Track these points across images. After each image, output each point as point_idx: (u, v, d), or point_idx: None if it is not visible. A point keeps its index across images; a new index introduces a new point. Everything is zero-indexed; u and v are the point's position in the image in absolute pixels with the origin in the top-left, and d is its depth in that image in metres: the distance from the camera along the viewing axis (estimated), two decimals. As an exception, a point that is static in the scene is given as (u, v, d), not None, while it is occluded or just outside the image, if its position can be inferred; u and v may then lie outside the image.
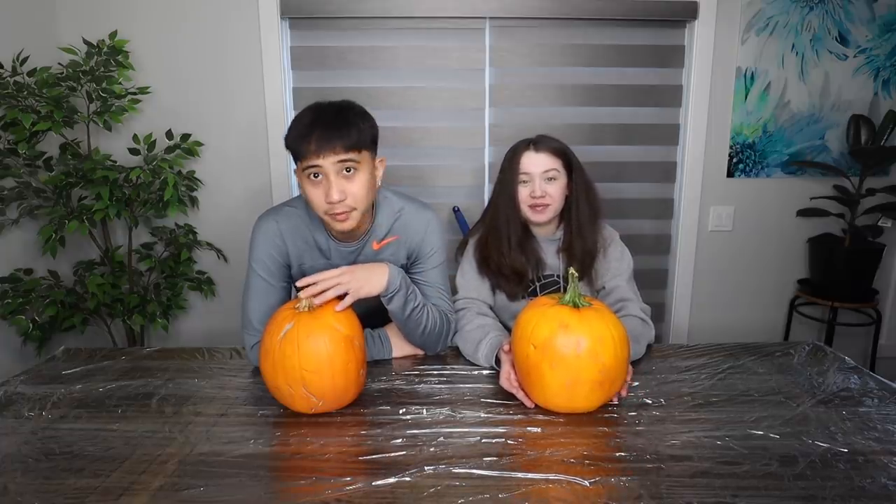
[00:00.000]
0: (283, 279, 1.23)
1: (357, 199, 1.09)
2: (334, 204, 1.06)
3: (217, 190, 2.17)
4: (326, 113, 1.07)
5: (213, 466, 0.84)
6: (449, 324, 1.25)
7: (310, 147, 1.04)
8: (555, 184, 1.32)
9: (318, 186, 1.07)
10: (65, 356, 1.29)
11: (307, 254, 1.23)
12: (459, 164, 2.23)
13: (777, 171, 2.25)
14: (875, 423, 0.95)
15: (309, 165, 1.06)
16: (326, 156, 1.04)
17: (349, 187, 1.07)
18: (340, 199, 1.06)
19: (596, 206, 1.37)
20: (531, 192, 1.31)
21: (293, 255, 1.22)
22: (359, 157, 1.08)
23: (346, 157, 1.05)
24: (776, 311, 2.39)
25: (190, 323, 2.28)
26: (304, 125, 1.06)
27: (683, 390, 1.08)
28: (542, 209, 1.31)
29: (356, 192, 1.08)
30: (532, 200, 1.31)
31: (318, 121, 1.06)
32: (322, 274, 1.07)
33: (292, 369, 0.95)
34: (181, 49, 2.05)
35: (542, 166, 1.31)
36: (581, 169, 1.36)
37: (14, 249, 1.86)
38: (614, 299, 1.33)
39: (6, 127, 1.68)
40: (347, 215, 1.09)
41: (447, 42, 2.13)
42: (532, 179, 1.31)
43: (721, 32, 2.12)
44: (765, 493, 0.77)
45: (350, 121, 1.07)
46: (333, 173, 1.06)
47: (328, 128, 1.04)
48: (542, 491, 0.78)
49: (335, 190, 1.05)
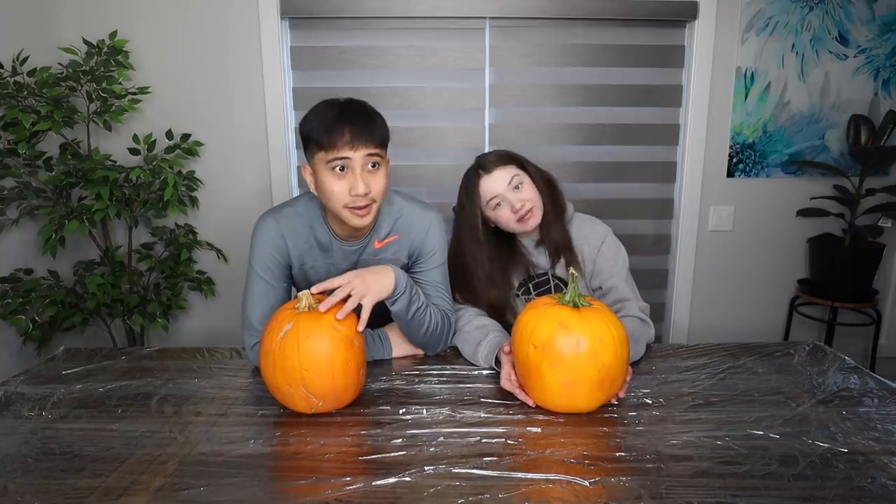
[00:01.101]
0: (283, 279, 1.22)
1: (379, 193, 1.11)
2: (359, 197, 1.07)
3: (217, 190, 2.17)
4: (353, 108, 1.09)
5: (213, 466, 0.84)
6: (450, 323, 1.26)
7: (343, 139, 1.04)
8: (524, 186, 1.31)
9: (342, 179, 1.07)
10: (65, 356, 1.29)
11: (308, 253, 1.23)
12: (459, 164, 2.21)
13: (777, 171, 2.25)
14: (875, 423, 0.95)
15: (338, 157, 1.05)
16: (358, 149, 1.05)
17: (373, 182, 1.09)
18: (366, 192, 1.07)
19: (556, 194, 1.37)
20: (511, 208, 1.30)
21: (294, 255, 1.22)
22: (383, 153, 1.11)
23: (374, 152, 1.07)
24: (776, 311, 2.39)
25: (190, 323, 2.28)
26: (333, 117, 1.06)
27: (683, 390, 1.08)
28: (528, 216, 1.30)
29: (379, 187, 1.10)
30: (516, 215, 1.30)
31: (347, 114, 1.06)
32: (333, 281, 1.06)
33: (292, 369, 0.95)
34: (181, 49, 2.05)
35: (504, 180, 1.30)
36: (531, 163, 1.36)
37: (14, 249, 1.86)
38: (613, 299, 1.32)
39: (6, 127, 1.68)
40: (369, 209, 1.10)
41: (447, 42, 2.13)
42: (503, 198, 1.30)
43: (721, 32, 2.12)
44: (765, 493, 0.77)
45: (375, 116, 1.11)
46: (360, 167, 1.07)
47: (359, 122, 1.06)
48: (542, 491, 0.78)
49: (361, 183, 1.06)
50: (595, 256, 1.35)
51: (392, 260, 1.24)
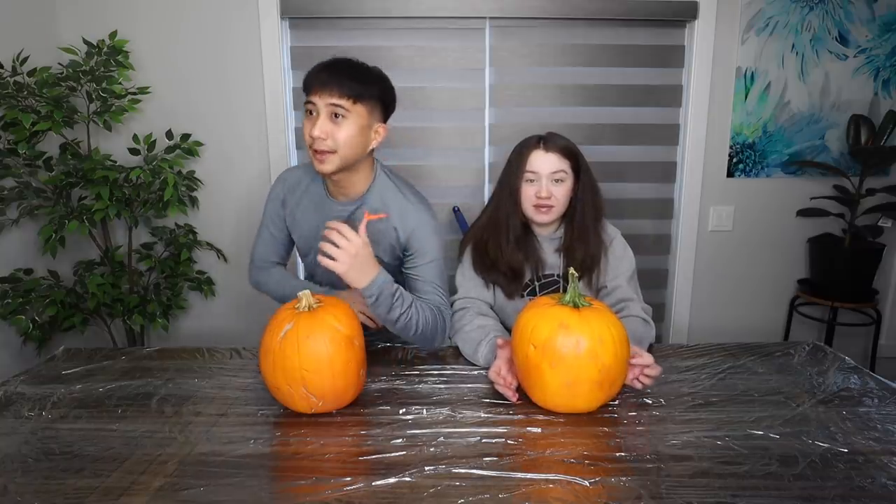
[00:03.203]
0: (285, 230, 1.38)
1: (339, 143, 1.15)
2: (315, 140, 1.14)
3: (217, 190, 2.17)
4: (342, 62, 1.19)
5: (213, 466, 0.84)
6: (444, 320, 1.26)
7: (314, 85, 1.15)
8: (562, 185, 1.29)
9: (308, 121, 1.17)
10: (65, 356, 1.29)
11: (299, 206, 1.33)
12: (459, 164, 2.23)
13: (777, 171, 2.25)
14: (875, 423, 0.95)
15: (308, 100, 1.16)
16: (323, 96, 1.13)
17: (333, 130, 1.14)
18: (322, 136, 1.13)
19: (600, 209, 1.35)
20: (537, 191, 1.28)
21: (289, 204, 1.34)
22: (350, 107, 1.14)
23: (337, 102, 1.13)
24: (776, 311, 2.39)
25: (190, 323, 2.28)
26: (320, 66, 1.17)
27: (683, 390, 1.08)
28: (546, 210, 1.29)
29: (340, 138, 1.15)
30: (537, 200, 1.28)
31: (330, 66, 1.17)
32: (339, 227, 1.08)
33: (292, 369, 0.95)
34: (181, 49, 2.05)
35: (551, 167, 1.28)
36: (588, 170, 1.34)
37: (14, 249, 1.86)
38: (615, 299, 1.32)
39: (6, 127, 1.68)
40: (326, 156, 1.15)
41: (447, 42, 2.13)
42: (539, 179, 1.29)
43: (721, 32, 2.12)
44: (765, 493, 0.77)
45: (357, 74, 1.17)
46: (324, 114, 1.14)
47: (332, 73, 1.15)
48: (542, 491, 0.78)
49: (318, 128, 1.13)
50: (602, 258, 1.35)
51: (378, 238, 1.25)
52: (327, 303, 1.04)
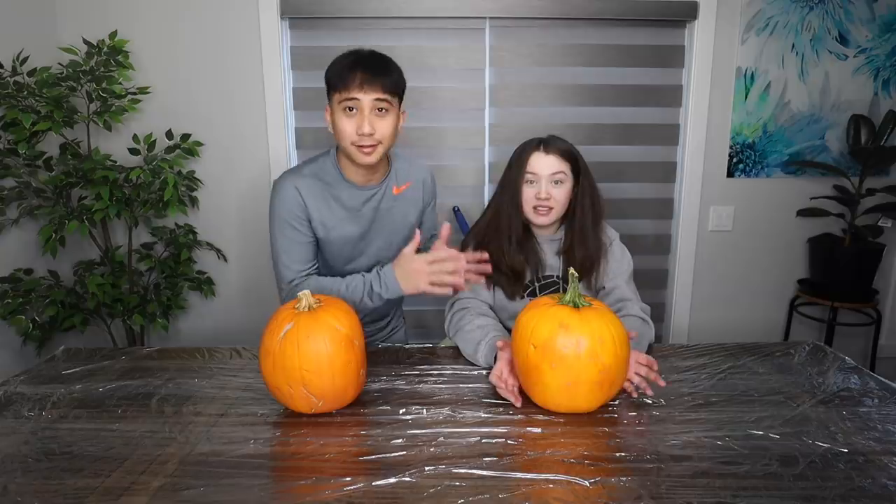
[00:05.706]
0: (309, 231, 1.28)
1: (384, 136, 1.20)
2: (364, 136, 1.17)
3: (217, 190, 2.17)
4: (371, 56, 1.20)
5: (213, 466, 0.84)
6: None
7: (354, 82, 1.15)
8: (561, 187, 1.30)
9: (351, 118, 1.18)
10: (65, 356, 1.28)
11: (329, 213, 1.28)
12: (459, 164, 2.23)
13: (777, 171, 2.25)
14: (875, 423, 0.95)
15: (348, 98, 1.16)
16: (368, 92, 1.15)
17: (379, 124, 1.18)
18: (370, 132, 1.17)
19: (600, 212, 1.35)
20: (536, 193, 1.29)
21: (315, 215, 1.28)
22: (392, 100, 1.20)
23: (382, 97, 1.17)
24: (776, 311, 2.39)
25: (190, 323, 2.28)
26: (350, 62, 1.17)
27: (683, 390, 1.08)
28: (545, 212, 1.30)
29: (384, 130, 1.19)
30: (536, 202, 1.29)
31: (363, 61, 1.17)
32: (441, 251, 1.17)
33: (292, 369, 0.95)
34: (181, 49, 2.05)
35: (550, 168, 1.29)
36: (588, 172, 1.34)
37: (14, 249, 1.86)
38: (614, 299, 1.33)
39: (6, 127, 1.68)
40: (374, 149, 1.19)
41: (447, 42, 2.13)
42: (538, 180, 1.29)
43: (721, 32, 2.12)
44: (765, 493, 0.77)
45: (390, 66, 1.21)
46: (368, 109, 1.17)
47: (372, 69, 1.16)
48: (542, 491, 0.78)
49: (367, 124, 1.16)
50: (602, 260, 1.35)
51: (411, 205, 1.37)
52: (327, 303, 1.04)
